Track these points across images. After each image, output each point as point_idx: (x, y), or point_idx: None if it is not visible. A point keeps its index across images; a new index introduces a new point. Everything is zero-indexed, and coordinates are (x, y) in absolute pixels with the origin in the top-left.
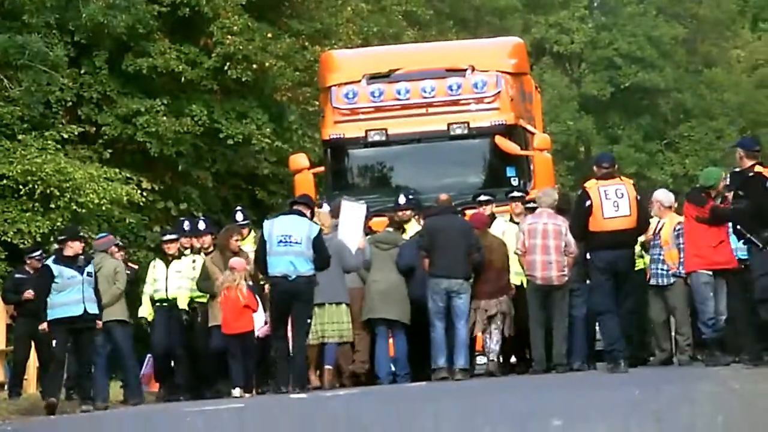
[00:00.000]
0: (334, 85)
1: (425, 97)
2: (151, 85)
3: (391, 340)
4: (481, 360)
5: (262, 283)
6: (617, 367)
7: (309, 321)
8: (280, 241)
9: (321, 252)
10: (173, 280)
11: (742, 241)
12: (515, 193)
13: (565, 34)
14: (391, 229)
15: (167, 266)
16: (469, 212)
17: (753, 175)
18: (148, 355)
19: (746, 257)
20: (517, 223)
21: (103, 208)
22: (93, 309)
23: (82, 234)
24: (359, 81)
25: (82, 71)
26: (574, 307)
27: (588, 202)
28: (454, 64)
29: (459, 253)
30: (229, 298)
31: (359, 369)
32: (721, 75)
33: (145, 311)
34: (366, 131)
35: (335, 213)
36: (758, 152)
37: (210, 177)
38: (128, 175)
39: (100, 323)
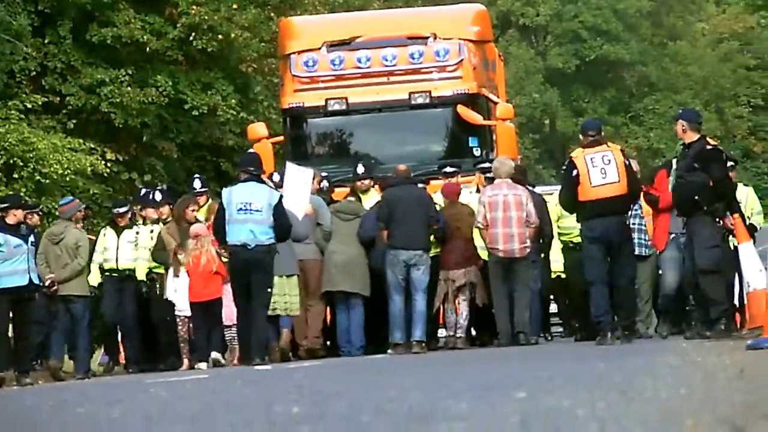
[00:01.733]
0: (294, 53)
1: (386, 66)
2: (115, 55)
3: None
4: (441, 333)
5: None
6: (604, 338)
7: (269, 291)
8: (240, 209)
9: (281, 220)
10: (124, 250)
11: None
12: (483, 164)
13: (531, 6)
14: (352, 199)
15: (118, 236)
16: (434, 183)
17: (711, 148)
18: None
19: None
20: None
21: (67, 178)
22: (36, 279)
23: (26, 202)
24: (319, 48)
25: (46, 41)
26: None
27: (575, 172)
28: (416, 31)
29: (417, 224)
30: (197, 264)
31: (314, 345)
32: (686, 48)
33: (94, 280)
34: (326, 100)
35: (281, 183)
36: (701, 124)
37: (175, 148)
38: (92, 146)
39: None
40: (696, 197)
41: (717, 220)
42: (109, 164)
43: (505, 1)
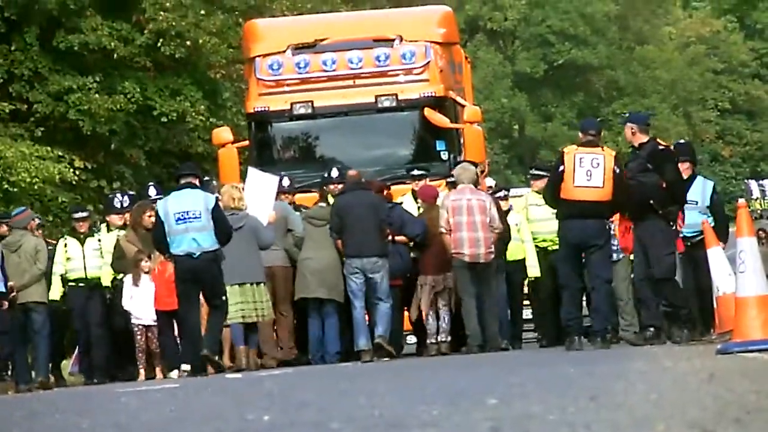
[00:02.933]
0: (259, 56)
1: (352, 69)
2: (83, 62)
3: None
4: (411, 339)
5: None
6: (572, 343)
7: (223, 299)
8: (179, 219)
9: (221, 223)
10: (91, 258)
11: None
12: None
13: (499, 11)
14: (323, 204)
15: (82, 244)
16: (401, 187)
17: (663, 149)
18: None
19: (692, 234)
20: None
21: (35, 186)
22: (3, 287)
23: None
24: (284, 51)
25: (13, 48)
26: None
27: (561, 168)
28: (382, 34)
29: (370, 231)
30: (163, 272)
31: (288, 356)
32: (654, 52)
33: (56, 293)
34: (291, 104)
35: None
36: (649, 126)
37: (143, 155)
38: (60, 154)
39: (6, 303)
40: (650, 200)
41: (670, 223)
42: (77, 172)
43: (473, 6)
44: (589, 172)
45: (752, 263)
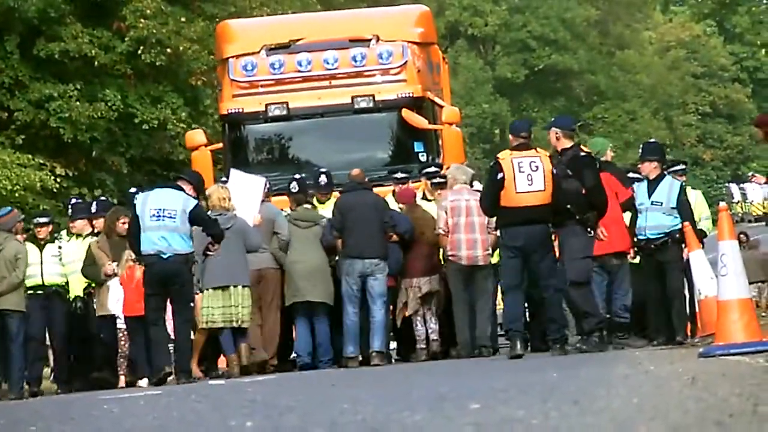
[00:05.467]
0: (232, 57)
1: (328, 69)
2: (63, 69)
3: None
4: (393, 344)
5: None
6: (513, 348)
7: (191, 305)
8: (153, 216)
9: (207, 224)
10: (49, 265)
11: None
12: (429, 170)
13: (479, 16)
14: (308, 206)
15: (41, 250)
16: (381, 189)
17: (585, 155)
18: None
19: (655, 237)
20: (430, 200)
21: (17, 194)
22: None
23: None
24: (258, 52)
25: None
26: None
27: (500, 175)
28: (358, 33)
29: (373, 232)
30: (131, 277)
31: (273, 361)
32: (634, 57)
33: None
34: (266, 105)
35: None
36: (575, 131)
37: (124, 163)
38: (42, 161)
39: None
40: (568, 205)
41: (588, 229)
42: (58, 180)
43: (454, 12)
44: (530, 176)
45: (734, 266)
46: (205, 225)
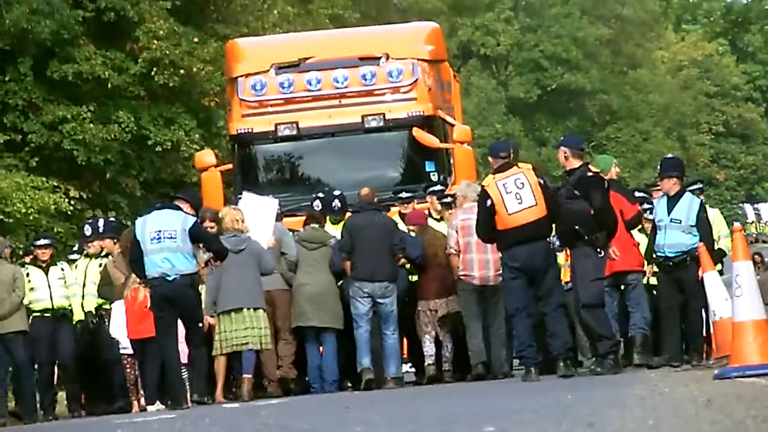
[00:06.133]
0: (241, 76)
1: (338, 88)
2: (77, 91)
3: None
4: (405, 368)
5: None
6: (528, 375)
7: (201, 326)
8: (153, 238)
9: (205, 241)
10: (56, 287)
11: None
12: (434, 188)
13: (492, 36)
14: (316, 226)
15: (46, 274)
16: (393, 210)
17: (592, 175)
18: None
19: (674, 255)
20: (438, 219)
21: (31, 217)
22: None
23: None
24: (267, 71)
25: (7, 78)
26: None
27: (489, 201)
28: (368, 51)
29: (382, 254)
30: (135, 299)
31: (289, 374)
32: (646, 76)
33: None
34: (276, 125)
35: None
36: (584, 151)
37: (138, 185)
38: (55, 184)
39: None
40: (576, 226)
41: (598, 250)
42: (72, 202)
43: (466, 31)
44: (518, 194)
45: (748, 287)
46: (206, 242)
